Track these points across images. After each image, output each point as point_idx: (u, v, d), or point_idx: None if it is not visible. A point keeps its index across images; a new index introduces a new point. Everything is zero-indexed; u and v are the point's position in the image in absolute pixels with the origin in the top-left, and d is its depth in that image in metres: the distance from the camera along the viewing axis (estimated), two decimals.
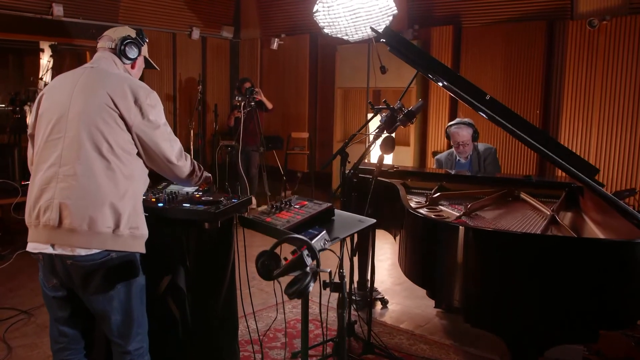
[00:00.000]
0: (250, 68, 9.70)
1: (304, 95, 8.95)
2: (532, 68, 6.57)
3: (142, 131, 2.10)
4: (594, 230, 2.60)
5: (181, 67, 9.08)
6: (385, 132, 2.96)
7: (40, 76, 11.51)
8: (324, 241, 1.84)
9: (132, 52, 2.26)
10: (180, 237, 2.34)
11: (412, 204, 3.22)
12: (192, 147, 7.63)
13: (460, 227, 2.19)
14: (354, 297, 4.04)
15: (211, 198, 2.43)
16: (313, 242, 1.75)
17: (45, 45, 10.28)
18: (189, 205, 2.34)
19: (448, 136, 4.30)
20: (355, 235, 3.65)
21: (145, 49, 2.37)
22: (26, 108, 11.26)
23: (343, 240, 2.26)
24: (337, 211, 2.33)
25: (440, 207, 3.12)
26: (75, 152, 2.01)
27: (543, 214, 2.83)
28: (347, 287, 3.35)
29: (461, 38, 7.16)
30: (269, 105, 7.24)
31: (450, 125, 4.26)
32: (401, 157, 7.12)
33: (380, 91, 7.99)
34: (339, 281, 1.92)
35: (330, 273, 1.84)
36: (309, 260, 1.69)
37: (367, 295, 3.98)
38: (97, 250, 2.00)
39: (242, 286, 2.66)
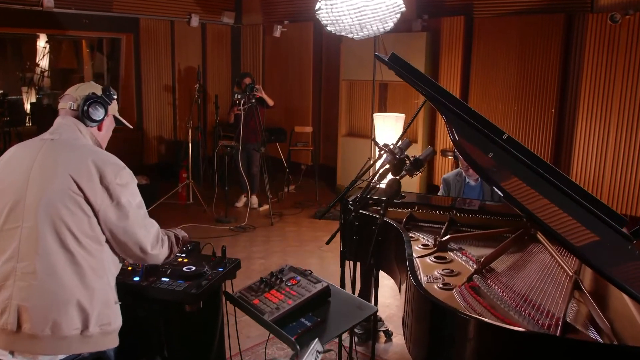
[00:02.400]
0: (253, 56, 9.34)
1: (308, 87, 8.59)
2: (548, 64, 6.17)
3: (110, 217, 1.81)
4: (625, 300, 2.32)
5: (180, 56, 8.71)
6: (390, 174, 2.70)
7: (37, 61, 11.21)
8: (315, 355, 1.59)
9: (97, 114, 1.96)
10: (157, 320, 2.10)
11: (419, 247, 2.96)
12: (190, 142, 7.34)
13: (472, 319, 1.92)
14: (355, 330, 3.82)
15: (194, 268, 2.18)
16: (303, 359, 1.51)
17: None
18: (168, 280, 2.09)
19: (456, 157, 4.00)
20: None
21: (114, 107, 2.07)
22: (24, 95, 10.96)
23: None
24: (333, 290, 2.06)
25: (450, 253, 2.85)
26: (33, 246, 1.74)
27: (564, 270, 2.56)
28: None
29: (473, 29, 6.75)
30: (270, 102, 6.93)
31: None
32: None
33: (387, 85, 7.64)
34: None
35: None
36: None
37: (370, 327, 3.76)
38: (64, 356, 1.76)
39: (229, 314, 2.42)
